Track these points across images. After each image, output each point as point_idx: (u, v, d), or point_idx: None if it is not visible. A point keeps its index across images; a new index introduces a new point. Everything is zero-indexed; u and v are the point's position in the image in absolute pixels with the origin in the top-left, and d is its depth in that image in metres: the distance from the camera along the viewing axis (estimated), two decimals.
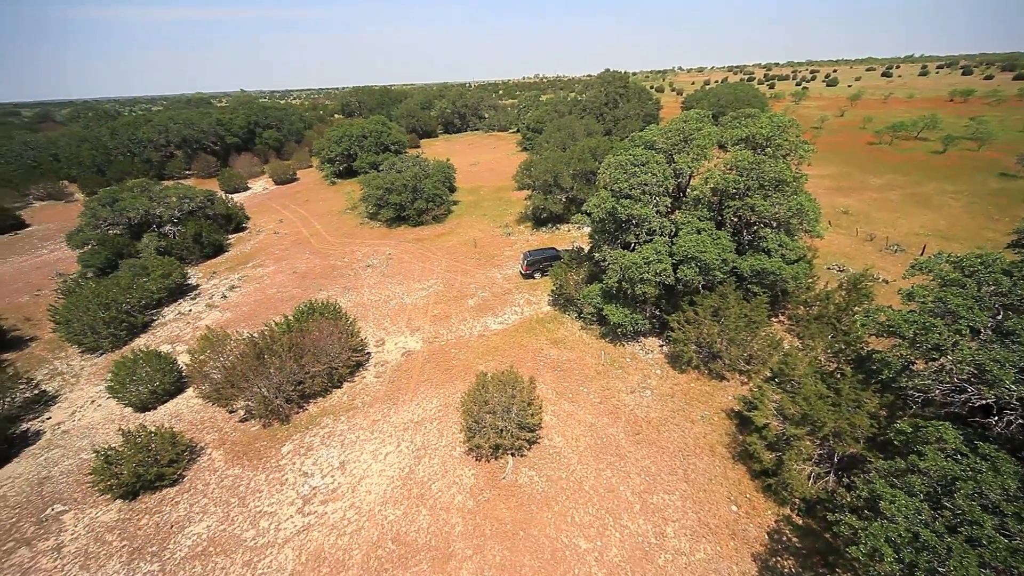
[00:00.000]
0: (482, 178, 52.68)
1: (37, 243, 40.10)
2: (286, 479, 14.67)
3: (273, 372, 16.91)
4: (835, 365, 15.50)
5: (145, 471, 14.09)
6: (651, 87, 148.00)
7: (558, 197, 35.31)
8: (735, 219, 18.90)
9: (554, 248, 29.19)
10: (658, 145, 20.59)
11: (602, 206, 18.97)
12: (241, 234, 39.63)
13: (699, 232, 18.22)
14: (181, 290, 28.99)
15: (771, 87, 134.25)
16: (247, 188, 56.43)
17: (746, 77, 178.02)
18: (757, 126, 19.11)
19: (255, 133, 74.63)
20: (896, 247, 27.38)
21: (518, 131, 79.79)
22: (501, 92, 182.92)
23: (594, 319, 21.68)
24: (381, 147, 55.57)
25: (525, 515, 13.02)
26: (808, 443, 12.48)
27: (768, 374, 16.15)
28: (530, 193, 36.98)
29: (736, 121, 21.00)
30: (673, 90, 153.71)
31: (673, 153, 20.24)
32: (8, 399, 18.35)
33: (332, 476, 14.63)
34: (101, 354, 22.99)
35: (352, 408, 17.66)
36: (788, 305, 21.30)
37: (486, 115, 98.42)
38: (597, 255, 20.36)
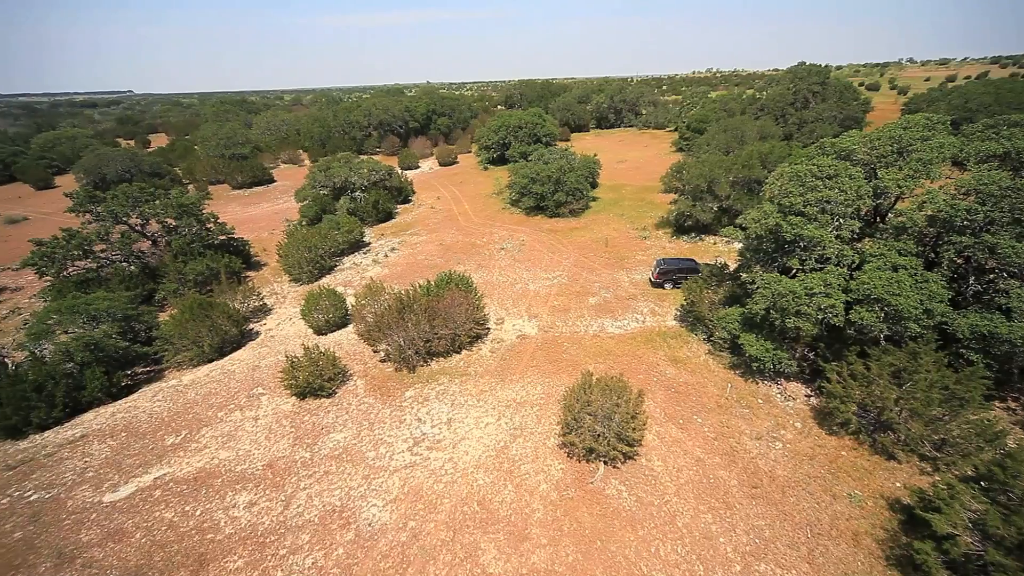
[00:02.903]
0: (627, 176, 50.73)
1: (279, 195, 53.80)
2: (404, 419, 17.08)
3: (410, 326, 19.65)
4: None
5: (313, 380, 18.06)
6: (860, 84, 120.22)
7: (709, 205, 31.90)
8: (958, 260, 14.42)
9: (692, 260, 26.65)
10: (856, 155, 16.85)
11: (763, 221, 16.50)
12: (407, 205, 46.42)
13: (895, 269, 14.45)
14: (358, 245, 35.60)
15: None
16: (418, 167, 65.41)
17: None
18: None
19: (431, 120, 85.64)
20: None
21: (676, 130, 74.00)
22: (665, 87, 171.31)
23: (725, 346, 19.26)
24: (533, 138, 58.03)
25: (606, 527, 12.63)
26: None
27: (969, 472, 12.15)
28: (677, 197, 34.26)
29: (991, 131, 15.79)
30: (893, 88, 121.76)
31: (877, 167, 16.33)
32: (247, 304, 25.53)
33: (439, 428, 16.47)
34: (300, 284, 29.95)
35: (466, 374, 19.42)
36: None
37: (643, 111, 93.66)
38: (745, 275, 17.90)
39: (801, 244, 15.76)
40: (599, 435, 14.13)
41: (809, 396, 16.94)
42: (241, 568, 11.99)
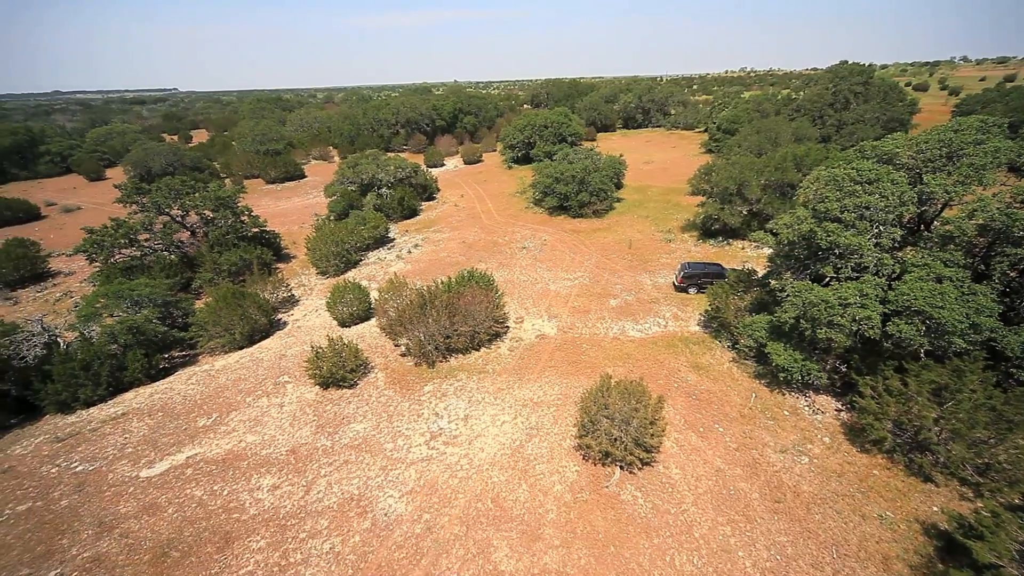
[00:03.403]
0: (653, 177, 49.83)
1: (309, 190, 55.48)
2: (422, 413, 17.34)
3: (430, 322, 19.92)
4: None
5: (336, 371, 18.56)
6: (907, 84, 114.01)
7: (738, 208, 30.97)
8: (1011, 274, 13.50)
9: (719, 264, 25.95)
10: (900, 159, 16.03)
11: (796, 227, 15.90)
12: (431, 203, 47.02)
13: (939, 281, 13.65)
14: (382, 241, 36.32)
15: None
16: (443, 165, 66.13)
17: None
18: None
19: (458, 118, 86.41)
20: None
21: (706, 130, 72.16)
22: (696, 87, 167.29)
23: (751, 354, 18.68)
24: (559, 138, 57.74)
25: (620, 532, 12.48)
26: None
27: (1017, 500, 11.39)
28: (704, 200, 33.42)
29: None
30: (944, 88, 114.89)
31: (923, 172, 15.47)
32: (276, 295, 26.48)
33: (456, 424, 16.64)
34: (327, 277, 30.81)
35: (484, 372, 19.54)
36: None
37: (672, 111, 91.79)
38: (774, 282, 17.30)
39: (836, 251, 15.10)
40: (616, 439, 13.96)
41: (840, 410, 16.22)
42: (263, 548, 12.47)
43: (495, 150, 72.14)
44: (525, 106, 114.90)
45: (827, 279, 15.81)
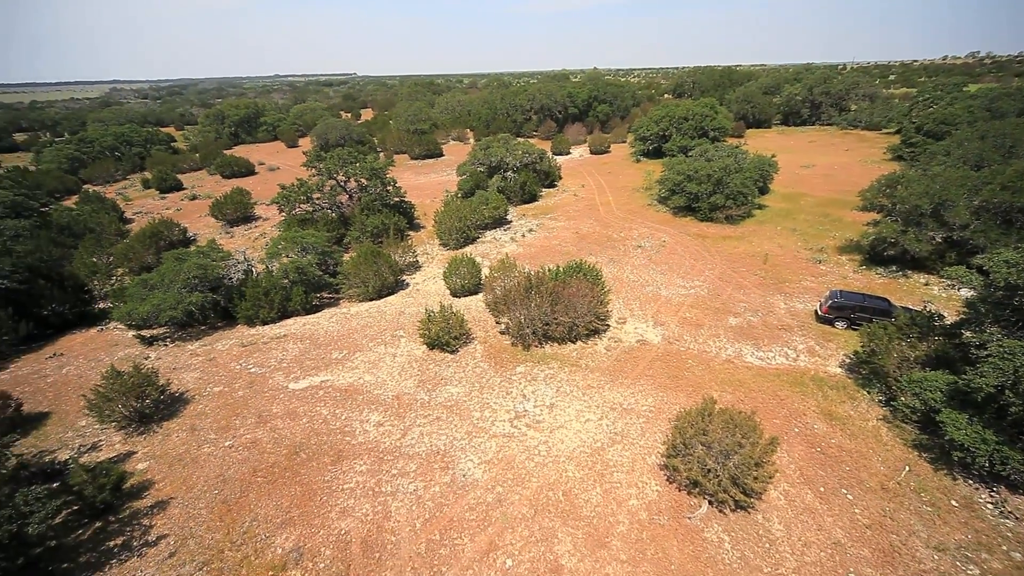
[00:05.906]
0: (810, 184, 42.28)
1: (444, 168, 60.69)
2: (510, 391, 18.02)
3: (533, 306, 20.35)
4: None
5: (442, 335, 20.34)
6: None
7: (929, 234, 24.47)
8: None
9: (885, 299, 21.09)
10: None
11: None
12: (551, 190, 47.38)
13: None
14: (500, 222, 38.01)
15: None
16: (569, 153, 65.78)
17: None
18: None
19: (591, 106, 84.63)
20: None
21: (898, 132, 57.92)
22: (893, 77, 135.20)
23: (913, 417, 14.91)
24: (699, 132, 52.56)
25: (696, 572, 11.39)
26: None
27: None
28: (880, 218, 27.15)
29: None
30: None
31: None
32: (404, 259, 29.94)
33: (541, 410, 16.91)
34: (447, 249, 33.62)
35: (576, 365, 19.37)
36: None
37: (853, 107, 75.76)
38: (970, 334, 13.40)
39: None
40: (709, 470, 12.63)
41: None
42: (363, 472, 14.58)
43: (625, 141, 68.97)
44: (667, 96, 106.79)
45: None
